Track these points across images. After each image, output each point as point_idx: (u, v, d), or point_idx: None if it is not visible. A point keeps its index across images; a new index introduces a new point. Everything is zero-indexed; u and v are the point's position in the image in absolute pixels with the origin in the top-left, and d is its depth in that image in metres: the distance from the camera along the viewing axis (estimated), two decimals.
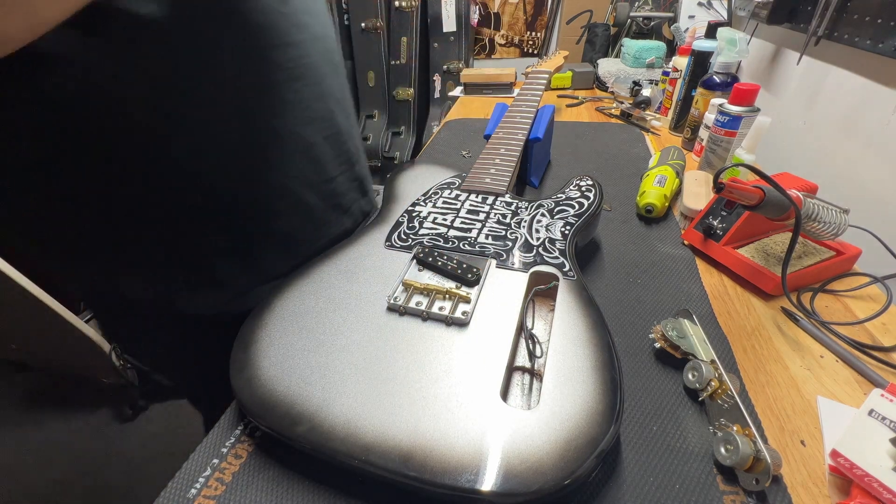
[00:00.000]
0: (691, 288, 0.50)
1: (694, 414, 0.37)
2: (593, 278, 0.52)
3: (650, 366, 0.41)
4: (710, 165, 0.73)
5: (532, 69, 0.86)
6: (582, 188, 0.54)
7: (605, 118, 1.03)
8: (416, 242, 0.47)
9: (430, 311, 0.38)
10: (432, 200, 0.54)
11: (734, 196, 0.44)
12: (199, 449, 0.36)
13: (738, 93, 0.66)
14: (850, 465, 0.31)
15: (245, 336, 0.38)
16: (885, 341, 0.43)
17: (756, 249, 0.53)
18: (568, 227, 0.48)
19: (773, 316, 0.47)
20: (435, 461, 0.28)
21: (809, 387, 0.39)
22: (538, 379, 0.36)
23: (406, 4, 1.85)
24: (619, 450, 0.35)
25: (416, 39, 1.90)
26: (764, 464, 0.30)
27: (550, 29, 1.86)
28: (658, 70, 1.17)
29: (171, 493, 0.33)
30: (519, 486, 0.27)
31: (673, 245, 0.58)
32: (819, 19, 0.71)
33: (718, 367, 0.37)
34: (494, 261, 0.44)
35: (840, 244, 0.53)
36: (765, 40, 0.94)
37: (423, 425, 0.30)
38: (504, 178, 0.56)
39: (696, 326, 0.41)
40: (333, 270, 0.44)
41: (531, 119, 0.67)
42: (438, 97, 2.01)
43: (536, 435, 0.29)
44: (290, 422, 0.32)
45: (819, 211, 0.47)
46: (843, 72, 0.71)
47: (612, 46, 1.47)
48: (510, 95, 1.22)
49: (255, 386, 0.34)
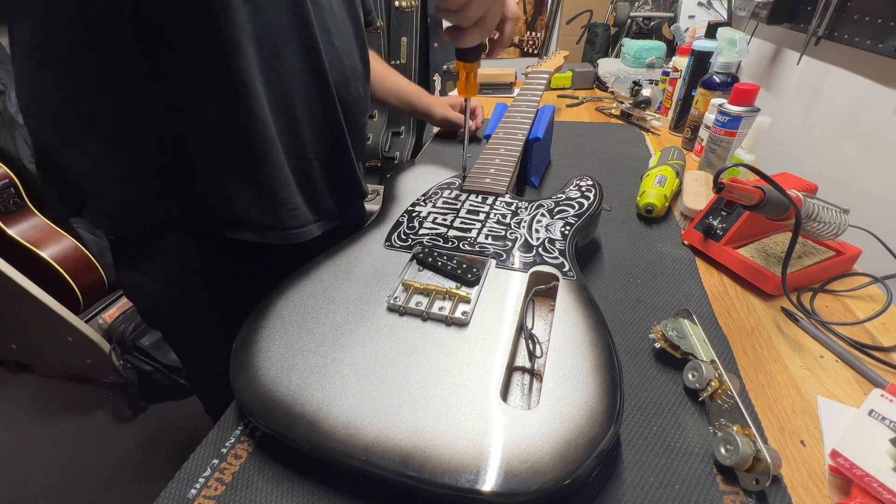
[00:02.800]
0: (691, 288, 0.50)
1: (694, 414, 0.37)
2: (593, 278, 0.52)
3: (650, 366, 0.41)
4: (710, 165, 0.73)
5: (532, 69, 0.86)
6: (582, 188, 0.54)
7: (605, 118, 1.03)
8: (415, 242, 0.47)
9: (430, 311, 0.38)
10: (432, 200, 0.54)
11: (734, 196, 0.44)
12: (199, 449, 0.36)
13: (738, 93, 0.66)
14: (850, 465, 0.31)
15: (245, 336, 0.38)
16: (885, 341, 0.43)
17: (756, 249, 0.53)
18: (568, 227, 0.48)
19: (773, 316, 0.47)
20: (435, 461, 0.28)
21: (809, 387, 0.39)
22: (538, 379, 0.36)
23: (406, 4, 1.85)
24: (619, 450, 0.35)
25: (416, 39, 1.90)
26: (764, 464, 0.30)
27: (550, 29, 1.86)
28: (658, 70, 1.17)
29: (171, 493, 0.33)
30: (519, 486, 0.27)
31: (673, 245, 0.58)
32: (819, 19, 0.71)
33: (718, 367, 0.37)
34: (494, 261, 0.44)
35: (840, 244, 0.53)
36: (765, 40, 0.95)
37: (423, 425, 0.30)
38: (504, 177, 0.56)
39: (696, 326, 0.41)
40: (333, 270, 0.44)
41: (531, 119, 0.67)
42: None
43: (536, 435, 0.29)
44: (290, 422, 0.32)
45: (819, 211, 0.47)
46: (843, 72, 0.71)
47: (612, 46, 1.47)
48: (510, 95, 1.22)
49: (256, 386, 0.34)
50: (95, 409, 1.35)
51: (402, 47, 1.93)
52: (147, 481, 1.15)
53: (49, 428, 1.31)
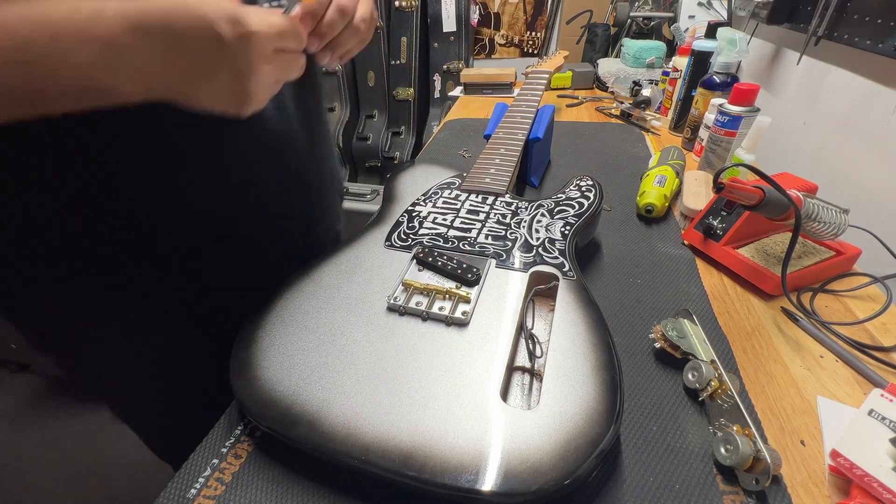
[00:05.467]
0: (691, 288, 0.50)
1: (694, 414, 0.37)
2: (593, 278, 0.52)
3: (650, 366, 0.41)
4: (710, 165, 0.73)
5: (532, 69, 0.86)
6: (582, 188, 0.54)
7: (605, 118, 1.03)
8: (415, 242, 0.47)
9: (430, 311, 0.38)
10: (432, 200, 0.54)
11: (734, 196, 0.44)
12: (199, 449, 0.36)
13: (738, 93, 0.66)
14: (850, 465, 0.31)
15: (245, 336, 0.38)
16: (885, 341, 0.43)
17: (756, 249, 0.53)
18: (568, 227, 0.48)
19: (773, 316, 0.47)
20: (435, 461, 0.28)
21: (809, 387, 0.39)
22: (538, 379, 0.36)
23: (406, 4, 1.85)
24: (619, 450, 0.35)
25: (416, 39, 1.90)
26: (764, 464, 0.30)
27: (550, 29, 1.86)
28: (658, 70, 1.17)
29: (171, 493, 0.33)
30: (519, 486, 0.27)
31: (673, 245, 0.58)
32: (819, 19, 0.71)
33: (718, 367, 0.37)
34: (494, 261, 0.44)
35: (840, 244, 0.53)
36: (765, 40, 0.94)
37: (423, 425, 0.30)
38: (504, 178, 0.56)
39: (696, 326, 0.41)
40: (333, 270, 0.44)
41: (531, 119, 0.67)
42: (438, 97, 2.01)
43: (536, 435, 0.29)
44: (289, 422, 0.32)
45: (819, 211, 0.47)
46: (843, 72, 0.71)
47: (612, 46, 1.47)
48: (510, 95, 1.22)
49: (256, 386, 0.34)
50: (95, 409, 1.35)
51: (402, 47, 1.93)
52: (147, 481, 1.15)
53: (49, 428, 1.31)
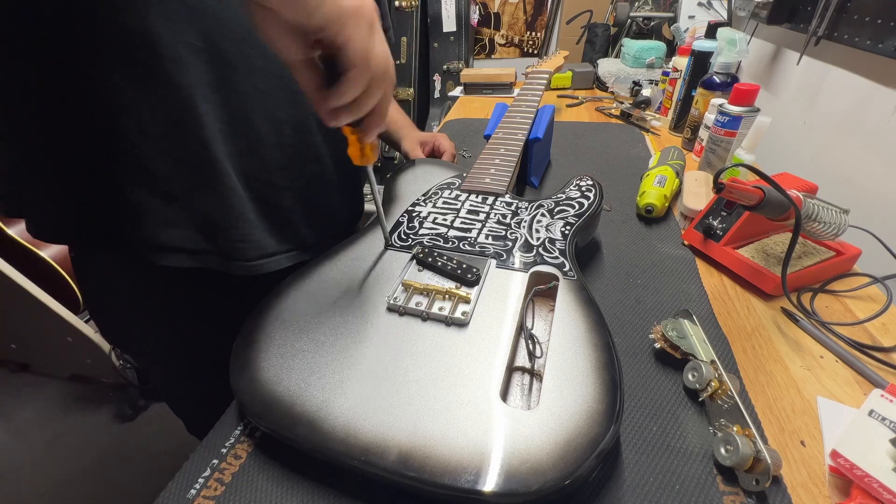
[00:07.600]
0: (691, 288, 0.50)
1: (694, 414, 0.37)
2: (593, 278, 0.52)
3: (650, 366, 0.41)
4: (710, 165, 0.73)
5: (532, 69, 0.86)
6: (582, 188, 0.54)
7: (605, 118, 1.03)
8: (415, 242, 0.47)
9: (430, 311, 0.38)
10: (432, 200, 0.54)
11: (734, 196, 0.44)
12: (199, 449, 0.36)
13: (738, 93, 0.66)
14: (850, 466, 0.31)
15: (245, 336, 0.38)
16: (885, 341, 0.43)
17: (756, 249, 0.53)
18: (568, 227, 0.48)
19: (773, 316, 0.47)
20: (435, 461, 0.28)
21: (809, 387, 0.39)
22: (538, 379, 0.36)
23: (406, 4, 1.85)
24: (619, 450, 0.35)
25: (416, 39, 1.90)
26: (764, 464, 0.30)
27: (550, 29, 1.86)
28: (658, 70, 1.17)
29: (171, 493, 0.33)
30: (519, 487, 0.27)
31: (673, 245, 0.58)
32: (819, 19, 0.71)
33: (718, 367, 0.37)
34: (494, 261, 0.44)
35: (840, 244, 0.53)
36: (765, 40, 0.94)
37: (423, 425, 0.30)
38: (504, 178, 0.56)
39: (696, 327, 0.41)
40: (333, 271, 0.44)
41: (531, 119, 0.67)
42: (438, 97, 2.01)
43: (536, 435, 0.29)
44: (289, 422, 0.32)
45: (819, 211, 0.47)
46: (843, 72, 0.71)
47: (612, 46, 1.47)
48: (510, 95, 1.22)
49: (255, 386, 0.34)
50: (95, 409, 1.35)
51: (402, 47, 1.93)
52: (147, 481, 1.15)
53: (49, 428, 1.31)
